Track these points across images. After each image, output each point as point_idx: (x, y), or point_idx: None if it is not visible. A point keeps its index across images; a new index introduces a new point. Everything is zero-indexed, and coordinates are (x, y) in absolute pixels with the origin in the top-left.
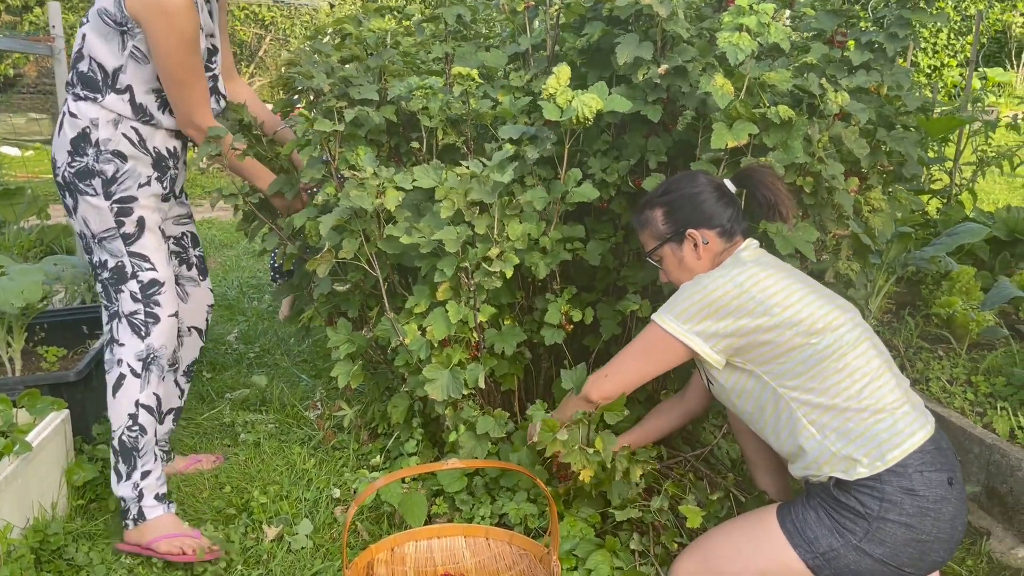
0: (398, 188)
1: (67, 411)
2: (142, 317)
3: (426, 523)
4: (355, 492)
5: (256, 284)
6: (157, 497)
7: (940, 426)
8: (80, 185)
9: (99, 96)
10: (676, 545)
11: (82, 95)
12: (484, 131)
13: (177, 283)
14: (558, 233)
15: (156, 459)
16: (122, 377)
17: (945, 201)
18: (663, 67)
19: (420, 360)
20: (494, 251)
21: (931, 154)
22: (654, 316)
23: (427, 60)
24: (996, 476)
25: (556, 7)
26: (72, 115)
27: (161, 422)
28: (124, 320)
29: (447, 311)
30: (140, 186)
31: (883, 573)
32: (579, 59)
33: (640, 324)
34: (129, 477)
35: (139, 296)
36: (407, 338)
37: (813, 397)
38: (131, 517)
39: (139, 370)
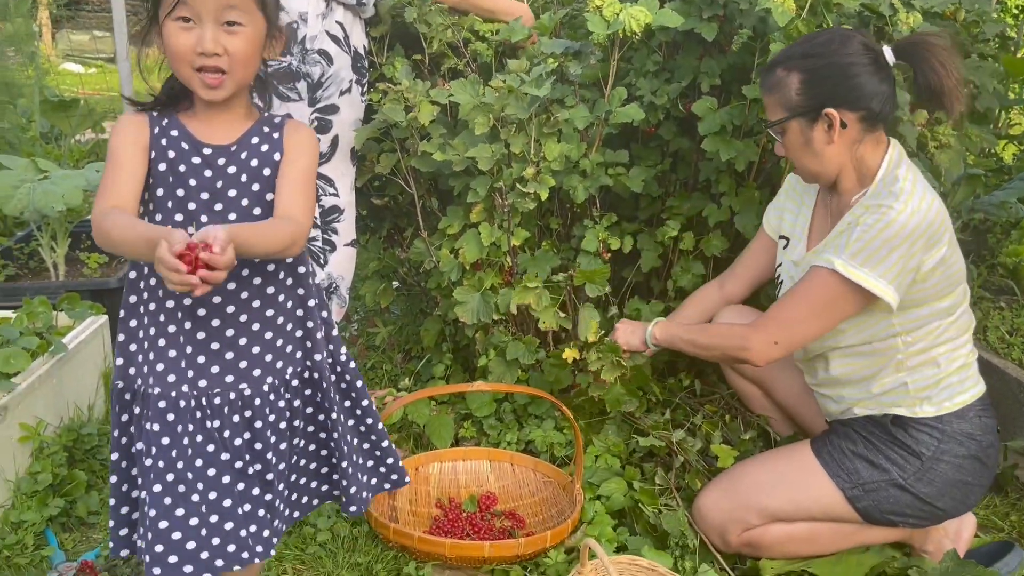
0: (433, 102)
1: (106, 317)
2: (320, 244)
3: (452, 446)
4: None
5: None
6: None
7: (996, 378)
8: (280, 89)
9: None
10: (700, 484)
11: None
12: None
13: None
14: (599, 156)
15: None
16: None
17: (1022, 147)
18: None
19: (451, 282)
20: (529, 171)
21: (1011, 95)
22: (835, 263)
23: None
24: None
25: None
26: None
27: None
28: None
29: (479, 233)
30: (342, 93)
31: (919, 509)
32: None
33: (683, 257)
34: None
35: (318, 222)
36: (440, 260)
37: (924, 343)
38: None
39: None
